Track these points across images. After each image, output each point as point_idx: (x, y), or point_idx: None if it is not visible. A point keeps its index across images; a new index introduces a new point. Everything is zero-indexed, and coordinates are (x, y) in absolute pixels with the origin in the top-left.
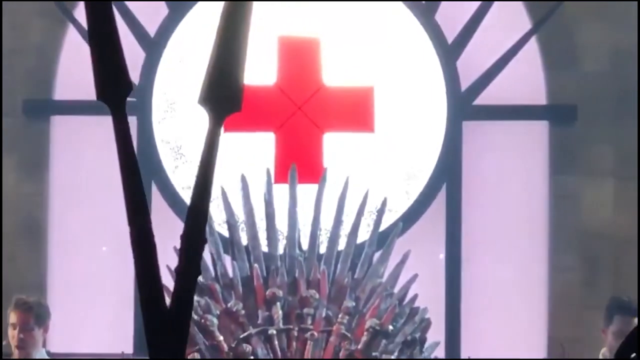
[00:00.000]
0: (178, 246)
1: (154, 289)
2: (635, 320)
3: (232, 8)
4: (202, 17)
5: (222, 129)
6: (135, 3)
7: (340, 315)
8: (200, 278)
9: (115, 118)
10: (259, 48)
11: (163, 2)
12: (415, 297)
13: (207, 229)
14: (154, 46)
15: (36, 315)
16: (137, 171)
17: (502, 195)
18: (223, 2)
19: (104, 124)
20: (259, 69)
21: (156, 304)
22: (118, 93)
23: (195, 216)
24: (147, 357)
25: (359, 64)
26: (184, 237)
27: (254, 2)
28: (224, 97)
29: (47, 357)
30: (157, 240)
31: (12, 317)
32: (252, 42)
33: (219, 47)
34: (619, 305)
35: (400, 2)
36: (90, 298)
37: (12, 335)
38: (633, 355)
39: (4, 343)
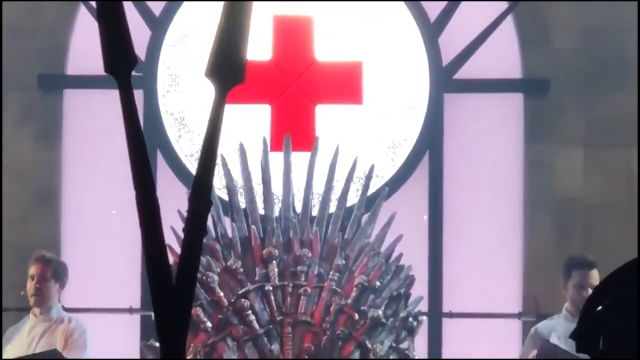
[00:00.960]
0: (181, 208)
1: (157, 247)
2: (592, 273)
3: None
4: None
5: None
6: None
7: (331, 273)
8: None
9: (121, 89)
10: (255, 26)
11: None
12: (400, 255)
13: None
14: (158, 25)
15: (54, 270)
16: (142, 138)
17: (480, 162)
18: None
19: (113, 97)
20: (255, 46)
21: (159, 260)
22: (124, 66)
23: (203, 178)
24: (152, 312)
25: (349, 40)
26: (192, 198)
27: None
28: (229, 70)
29: (63, 312)
30: (161, 202)
31: (31, 270)
32: (254, 19)
33: (224, 24)
34: (575, 261)
35: None
36: (101, 257)
37: (29, 286)
38: (599, 307)
39: (21, 293)
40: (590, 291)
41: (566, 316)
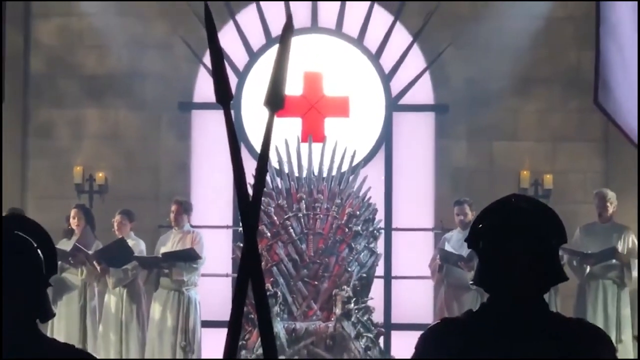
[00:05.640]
0: (253, 173)
1: (242, 185)
2: (463, 207)
3: (280, 56)
4: (268, 63)
5: (275, 117)
6: (232, 53)
7: (333, 207)
8: (265, 189)
9: (225, 112)
10: (295, 77)
11: (245, 53)
12: (370, 197)
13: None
14: (242, 75)
15: (184, 207)
16: (236, 138)
17: (411, 149)
18: (275, 52)
19: (219, 114)
20: (295, 87)
21: (245, 197)
22: (226, 99)
23: (262, 159)
24: (240, 227)
25: (341, 84)
26: (257, 171)
27: (292, 52)
28: (275, 101)
29: (190, 227)
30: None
31: (172, 207)
32: (292, 74)
33: (272, 75)
34: (456, 201)
35: (364, 55)
36: (210, 198)
37: (172, 216)
38: (480, 225)
39: (167, 220)
40: (462, 217)
41: (459, 230)
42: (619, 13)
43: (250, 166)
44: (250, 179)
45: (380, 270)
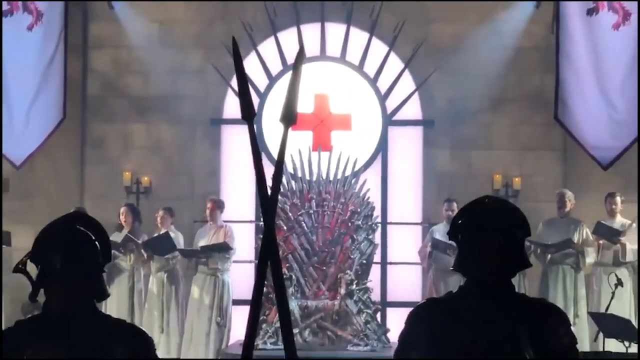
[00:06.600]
0: (272, 177)
1: (263, 187)
2: (452, 204)
3: (293, 80)
4: (284, 85)
5: (289, 131)
6: (255, 77)
7: (339, 205)
8: (281, 190)
9: (249, 127)
10: (307, 97)
11: (265, 77)
12: (369, 197)
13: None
14: (263, 96)
15: (218, 205)
16: (258, 149)
17: (403, 157)
18: (289, 77)
19: (244, 129)
20: (306, 105)
21: (265, 197)
22: (250, 116)
23: (279, 166)
24: (261, 221)
25: (345, 103)
26: (275, 175)
27: (304, 76)
28: (289, 118)
29: (223, 222)
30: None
31: (207, 205)
32: (304, 94)
33: (287, 95)
34: (446, 199)
35: (364, 79)
36: (237, 197)
37: (207, 212)
38: (459, 221)
39: (203, 216)
40: (450, 213)
41: (444, 224)
42: (575, 45)
43: (269, 171)
44: (269, 182)
45: (377, 257)
